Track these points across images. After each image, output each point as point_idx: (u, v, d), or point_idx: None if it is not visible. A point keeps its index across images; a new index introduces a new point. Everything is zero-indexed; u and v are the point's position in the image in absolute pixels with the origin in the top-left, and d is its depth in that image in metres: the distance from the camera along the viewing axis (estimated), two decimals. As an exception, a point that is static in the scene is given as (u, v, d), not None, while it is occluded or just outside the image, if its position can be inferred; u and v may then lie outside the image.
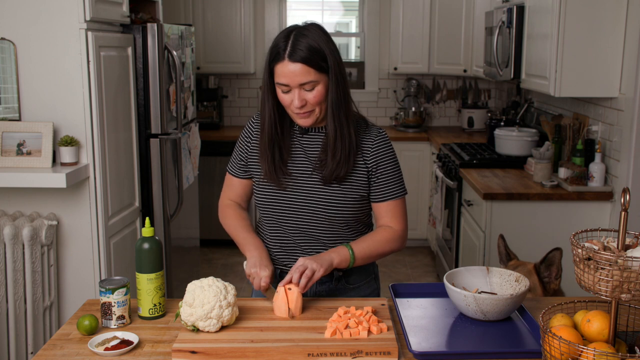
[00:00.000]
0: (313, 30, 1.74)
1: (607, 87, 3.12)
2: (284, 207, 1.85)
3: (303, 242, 1.87)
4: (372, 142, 1.85)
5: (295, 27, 1.75)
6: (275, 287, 1.77)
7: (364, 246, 1.83)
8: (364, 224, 1.93)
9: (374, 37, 5.65)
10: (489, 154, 4.02)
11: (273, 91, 1.79)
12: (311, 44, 1.71)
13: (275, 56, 1.73)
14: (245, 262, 1.85)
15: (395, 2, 5.35)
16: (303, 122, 1.79)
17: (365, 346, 1.50)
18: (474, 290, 1.78)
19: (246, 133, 1.94)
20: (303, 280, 1.69)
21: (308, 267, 1.71)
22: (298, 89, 1.72)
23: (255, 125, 1.92)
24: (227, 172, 1.99)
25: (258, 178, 1.89)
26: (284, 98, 1.76)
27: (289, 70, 1.70)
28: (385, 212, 1.88)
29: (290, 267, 1.87)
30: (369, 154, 1.84)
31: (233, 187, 1.98)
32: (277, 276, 1.92)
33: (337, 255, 1.78)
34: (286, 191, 1.84)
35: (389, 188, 1.86)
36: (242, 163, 1.94)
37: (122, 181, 3.04)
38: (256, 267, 1.78)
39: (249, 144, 1.92)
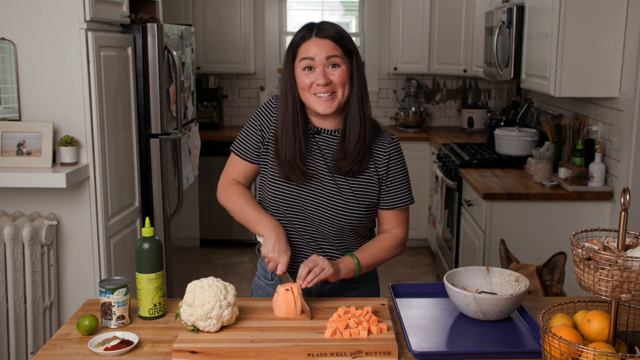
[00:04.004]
0: (334, 23, 1.81)
1: (607, 87, 3.12)
2: (295, 203, 1.82)
3: (310, 240, 1.86)
4: (385, 148, 1.85)
5: (314, 22, 1.80)
6: (291, 275, 1.78)
7: (369, 256, 1.84)
8: (368, 229, 1.94)
9: (374, 37, 5.65)
10: (489, 154, 4.02)
11: (296, 84, 1.78)
12: (337, 27, 1.77)
13: (300, 38, 1.76)
14: (259, 243, 1.82)
15: (395, 2, 5.35)
16: (324, 106, 1.76)
17: (365, 346, 1.50)
18: (474, 290, 1.78)
19: (265, 114, 1.88)
20: (310, 276, 1.69)
21: (318, 264, 1.71)
22: (323, 66, 1.73)
23: (275, 110, 1.87)
24: (233, 152, 1.92)
25: (269, 168, 1.85)
26: (306, 79, 1.75)
27: (316, 45, 1.73)
28: (390, 219, 1.89)
29: (295, 260, 1.88)
30: (380, 160, 1.84)
31: (238, 168, 1.92)
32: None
33: (345, 267, 1.78)
34: (300, 188, 1.82)
35: (398, 196, 1.87)
36: (256, 147, 1.87)
37: (122, 181, 3.04)
38: (275, 252, 1.74)
39: (268, 127, 1.86)
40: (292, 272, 1.82)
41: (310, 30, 1.75)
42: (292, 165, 1.79)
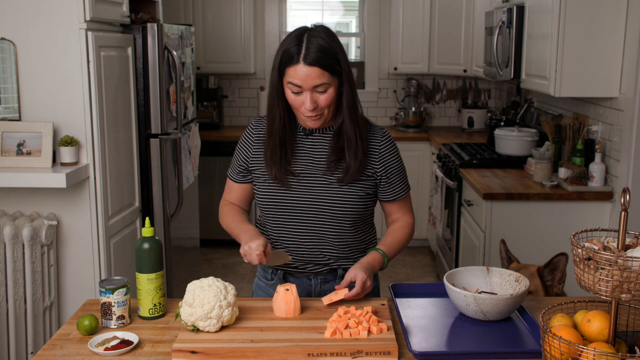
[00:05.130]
0: (323, 32, 1.75)
1: (607, 87, 3.12)
2: (288, 208, 1.85)
3: (308, 241, 1.87)
4: (379, 144, 1.87)
5: (305, 30, 1.75)
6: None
7: (392, 246, 1.90)
8: (368, 223, 1.95)
9: (374, 37, 5.65)
10: (489, 154, 4.02)
11: (283, 94, 1.78)
12: (324, 47, 1.71)
13: (288, 59, 1.72)
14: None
15: (395, 2, 5.35)
16: (312, 124, 1.80)
17: (365, 346, 1.50)
18: (474, 290, 1.78)
19: (246, 137, 1.94)
20: (354, 291, 1.72)
21: (366, 282, 1.74)
22: (310, 91, 1.72)
23: (256, 129, 1.92)
24: (227, 177, 2.01)
25: (261, 180, 1.88)
26: (294, 100, 1.76)
27: (304, 73, 1.70)
28: (396, 210, 1.95)
29: (296, 266, 1.89)
30: (376, 156, 1.86)
31: (233, 192, 1.99)
32: (281, 278, 1.93)
33: (374, 261, 1.83)
34: (291, 192, 1.84)
35: (398, 188, 1.91)
36: (242, 168, 1.94)
37: (122, 181, 3.04)
38: (246, 244, 1.76)
39: (250, 148, 1.92)
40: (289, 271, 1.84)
41: (298, 51, 1.70)
42: (282, 172, 1.82)
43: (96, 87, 2.72)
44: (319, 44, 1.70)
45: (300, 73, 1.70)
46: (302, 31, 1.74)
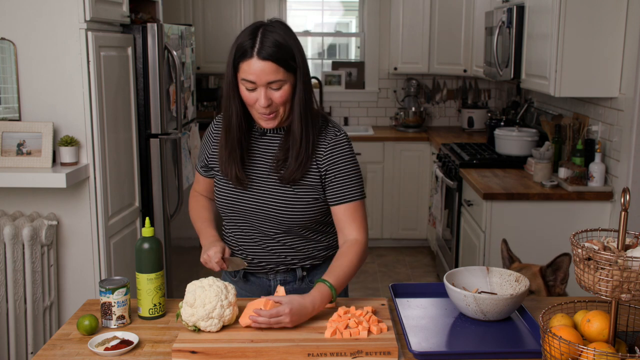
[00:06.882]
0: (279, 27, 1.71)
1: (607, 87, 3.12)
2: (242, 208, 1.84)
3: (264, 242, 1.86)
4: (327, 144, 1.80)
5: (260, 24, 1.71)
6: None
7: (341, 276, 1.73)
8: (323, 224, 1.88)
9: (374, 37, 5.65)
10: (489, 154, 4.02)
11: (239, 91, 1.74)
12: (280, 41, 1.67)
13: (242, 54, 1.68)
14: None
15: (395, 2, 5.35)
16: (267, 124, 1.75)
17: (365, 346, 1.50)
18: (474, 290, 1.78)
19: (208, 135, 1.93)
20: (262, 319, 1.57)
21: (282, 315, 1.58)
22: (264, 87, 1.68)
23: (217, 126, 1.90)
24: (195, 168, 2.03)
25: (218, 178, 1.89)
26: (248, 97, 1.71)
27: (257, 68, 1.65)
28: (344, 217, 1.81)
29: (254, 264, 1.89)
30: (322, 156, 1.79)
31: (200, 184, 2.02)
32: (241, 278, 1.94)
33: (319, 294, 1.67)
34: (244, 193, 1.82)
35: (344, 190, 1.80)
36: (204, 164, 1.94)
37: (122, 181, 3.04)
38: (205, 252, 1.81)
39: (210, 146, 1.91)
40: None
41: (252, 45, 1.66)
42: (237, 171, 1.79)
43: (96, 87, 2.72)
44: (274, 39, 1.66)
45: (254, 68, 1.65)
46: (257, 26, 1.70)
